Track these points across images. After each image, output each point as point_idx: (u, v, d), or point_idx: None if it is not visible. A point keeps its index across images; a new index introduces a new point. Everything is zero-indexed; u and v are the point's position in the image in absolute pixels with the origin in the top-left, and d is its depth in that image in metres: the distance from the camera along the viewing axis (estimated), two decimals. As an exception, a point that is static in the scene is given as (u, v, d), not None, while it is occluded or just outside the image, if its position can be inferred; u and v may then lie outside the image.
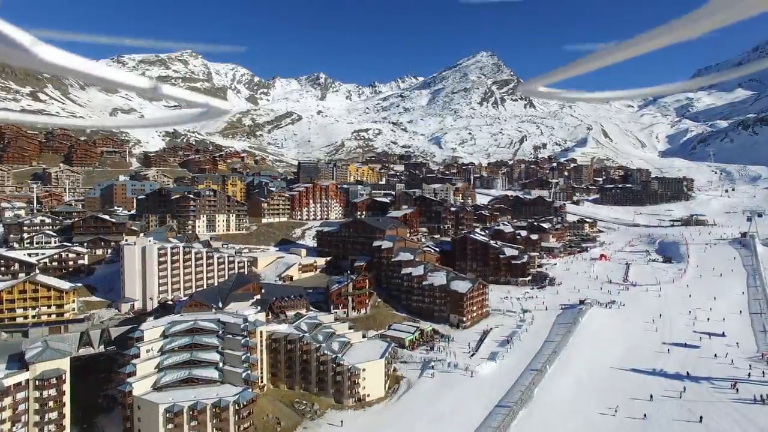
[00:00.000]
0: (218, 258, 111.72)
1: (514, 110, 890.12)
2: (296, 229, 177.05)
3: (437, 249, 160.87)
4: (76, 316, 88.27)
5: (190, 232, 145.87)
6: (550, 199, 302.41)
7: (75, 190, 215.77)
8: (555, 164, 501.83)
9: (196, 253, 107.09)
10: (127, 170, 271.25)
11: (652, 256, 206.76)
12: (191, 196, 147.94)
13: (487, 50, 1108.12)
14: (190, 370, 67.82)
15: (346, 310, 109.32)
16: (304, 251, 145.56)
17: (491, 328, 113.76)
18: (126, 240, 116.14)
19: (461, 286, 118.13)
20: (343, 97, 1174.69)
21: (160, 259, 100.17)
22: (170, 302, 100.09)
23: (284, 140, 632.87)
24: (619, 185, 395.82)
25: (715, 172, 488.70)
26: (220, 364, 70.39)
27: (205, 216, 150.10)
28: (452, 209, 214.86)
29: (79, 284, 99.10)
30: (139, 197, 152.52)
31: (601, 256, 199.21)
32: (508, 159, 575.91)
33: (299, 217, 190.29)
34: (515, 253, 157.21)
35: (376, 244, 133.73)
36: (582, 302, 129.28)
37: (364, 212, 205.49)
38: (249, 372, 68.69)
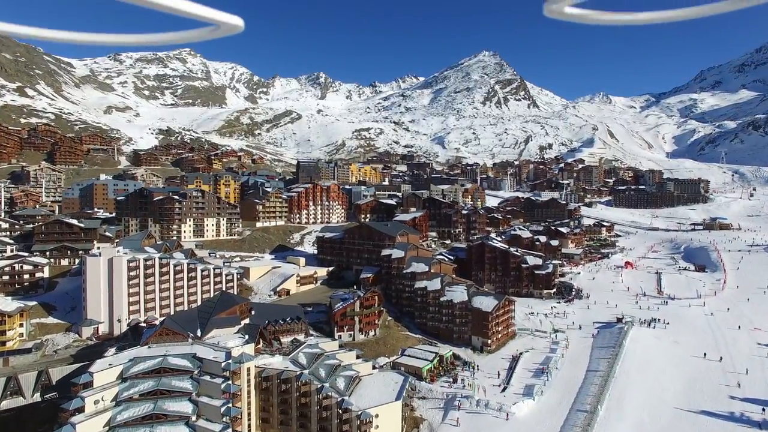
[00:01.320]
0: (202, 270, 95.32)
1: (518, 110, 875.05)
2: (294, 234, 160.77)
3: (451, 257, 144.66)
4: (23, 344, 71.88)
5: (174, 238, 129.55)
6: (564, 201, 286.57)
7: (56, 190, 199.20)
8: (562, 165, 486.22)
9: (175, 265, 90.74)
10: (115, 169, 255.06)
11: (679, 263, 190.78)
12: (176, 197, 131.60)
13: (489, 50, 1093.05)
14: (151, 429, 51.37)
15: (352, 332, 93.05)
16: (302, 260, 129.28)
17: (521, 353, 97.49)
18: (97, 248, 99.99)
19: (485, 303, 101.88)
20: (343, 97, 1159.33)
21: (131, 273, 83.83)
22: (143, 324, 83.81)
23: (283, 139, 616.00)
24: (632, 187, 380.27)
25: (731, 174, 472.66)
26: (193, 418, 54.09)
27: (191, 220, 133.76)
28: (463, 212, 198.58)
29: (33, 302, 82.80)
30: (119, 198, 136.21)
31: (627, 263, 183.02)
32: (513, 159, 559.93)
33: (298, 220, 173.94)
34: (539, 261, 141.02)
35: (384, 252, 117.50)
36: (619, 320, 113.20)
37: (368, 215, 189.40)
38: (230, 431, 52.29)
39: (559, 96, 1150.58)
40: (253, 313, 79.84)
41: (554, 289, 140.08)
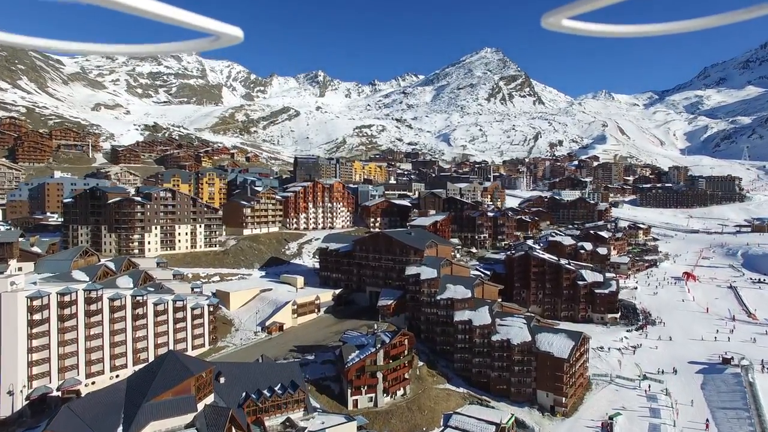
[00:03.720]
0: (156, 304, 65.97)
1: (523, 107, 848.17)
2: (290, 243, 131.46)
3: (486, 272, 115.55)
4: None
5: (135, 251, 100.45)
6: (593, 201, 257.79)
7: (11, 190, 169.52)
8: (576, 162, 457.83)
9: (111, 300, 61.42)
10: (89, 167, 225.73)
11: (744, 273, 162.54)
12: (137, 198, 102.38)
13: (491, 46, 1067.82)
14: None
15: (373, 394, 63.85)
16: (300, 279, 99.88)
17: (612, 418, 68.37)
18: (14, 270, 70.87)
19: (557, 344, 72.80)
20: (342, 95, 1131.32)
21: (35, 316, 54.56)
22: (55, 395, 54.55)
23: (280, 137, 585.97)
24: (657, 185, 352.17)
25: (757, 170, 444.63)
26: None
27: (158, 228, 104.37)
28: (490, 214, 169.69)
29: None
30: (65, 201, 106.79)
31: (687, 275, 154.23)
32: (523, 157, 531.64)
33: (295, 226, 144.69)
34: (599, 278, 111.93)
35: (410, 271, 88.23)
36: (727, 361, 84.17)
37: (378, 219, 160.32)
38: None
39: (562, 93, 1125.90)
40: (222, 380, 50.56)
41: (619, 313, 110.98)
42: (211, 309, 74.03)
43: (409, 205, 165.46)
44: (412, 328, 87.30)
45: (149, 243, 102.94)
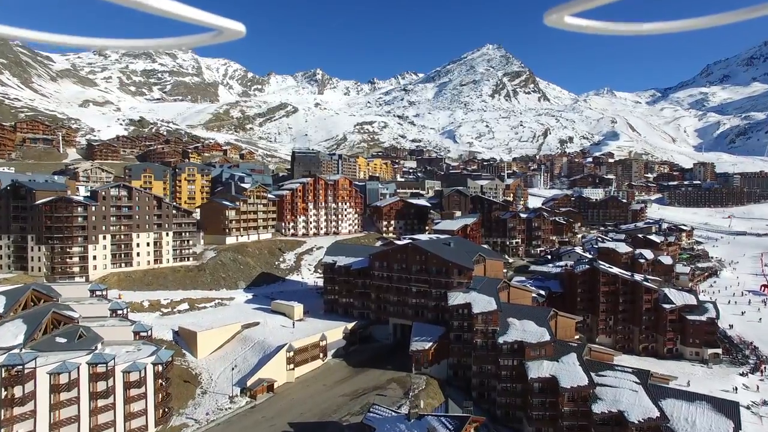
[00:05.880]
0: (54, 374, 39.21)
1: (528, 103, 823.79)
2: (286, 254, 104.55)
3: (541, 293, 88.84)
4: None
5: (75, 269, 73.74)
6: (626, 200, 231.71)
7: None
8: (591, 158, 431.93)
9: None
10: (59, 163, 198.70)
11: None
12: (77, 198, 75.65)
13: (493, 43, 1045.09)
14: None
15: None
16: (299, 308, 72.94)
17: None
18: None
19: (703, 424, 46.25)
20: (341, 94, 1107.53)
21: None
22: None
23: (278, 134, 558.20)
24: (685, 182, 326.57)
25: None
26: None
27: (108, 237, 77.54)
28: (522, 216, 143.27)
29: None
30: (-17, 201, 79.92)
31: (766, 288, 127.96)
32: (533, 154, 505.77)
33: (292, 231, 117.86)
34: (690, 299, 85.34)
35: (455, 300, 61.51)
36: None
37: (392, 222, 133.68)
38: None
39: (566, 90, 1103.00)
40: None
41: (720, 348, 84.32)
42: (159, 370, 47.14)
43: (428, 205, 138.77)
44: (458, 379, 61.06)
45: (95, 258, 76.16)
